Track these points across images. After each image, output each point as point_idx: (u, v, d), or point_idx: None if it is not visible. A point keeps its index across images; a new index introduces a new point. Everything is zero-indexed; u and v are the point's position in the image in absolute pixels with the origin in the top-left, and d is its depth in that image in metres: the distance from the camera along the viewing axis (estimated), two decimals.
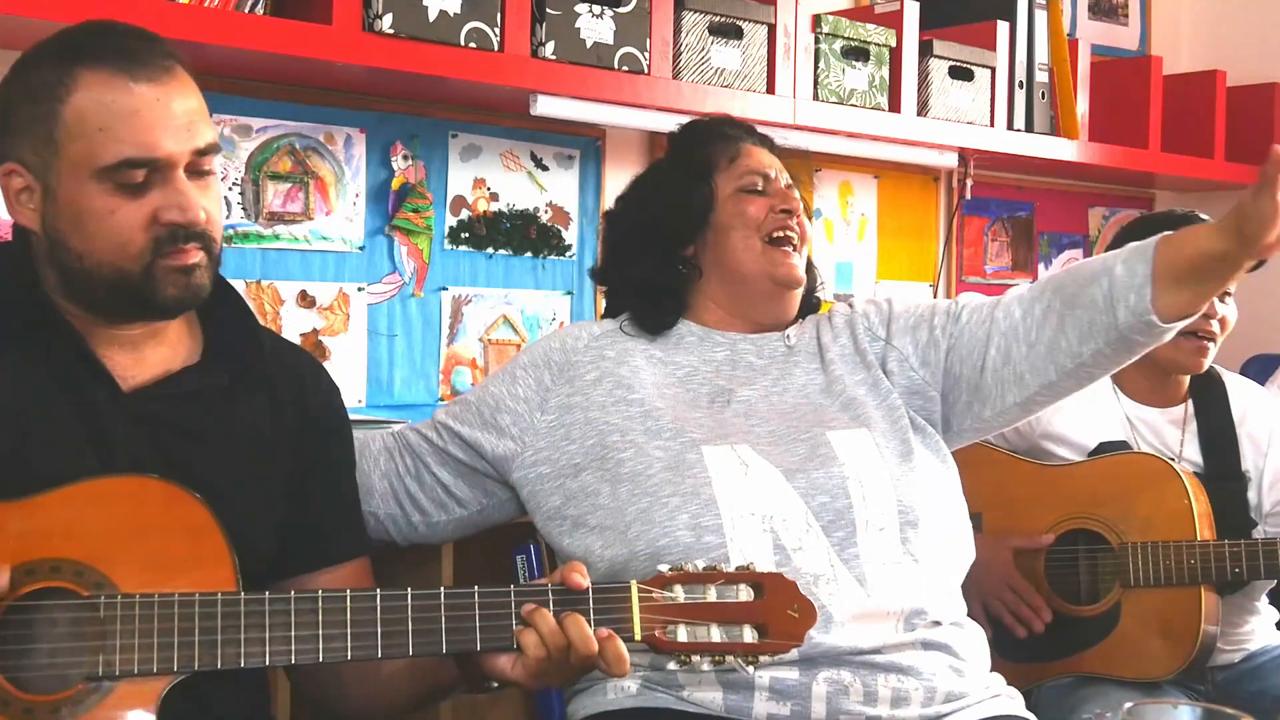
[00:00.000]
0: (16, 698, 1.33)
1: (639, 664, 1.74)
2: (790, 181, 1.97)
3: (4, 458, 1.41)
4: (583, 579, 1.48)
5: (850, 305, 2.00)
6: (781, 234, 1.90)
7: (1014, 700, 1.82)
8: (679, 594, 1.48)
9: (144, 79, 1.44)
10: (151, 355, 1.54)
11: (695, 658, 1.47)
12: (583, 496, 1.79)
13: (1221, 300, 2.34)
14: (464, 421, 1.88)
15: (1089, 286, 1.77)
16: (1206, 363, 2.35)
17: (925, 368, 1.89)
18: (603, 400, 1.83)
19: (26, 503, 1.37)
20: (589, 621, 1.46)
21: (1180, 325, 1.75)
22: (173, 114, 1.44)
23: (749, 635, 1.48)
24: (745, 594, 1.50)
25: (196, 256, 1.48)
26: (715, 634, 1.47)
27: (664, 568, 1.50)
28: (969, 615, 1.85)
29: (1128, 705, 1.41)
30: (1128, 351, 1.79)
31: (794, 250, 1.91)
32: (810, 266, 2.02)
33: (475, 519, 1.92)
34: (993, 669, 1.85)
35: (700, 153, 1.97)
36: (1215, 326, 2.33)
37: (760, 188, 1.93)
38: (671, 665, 1.49)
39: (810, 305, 2.02)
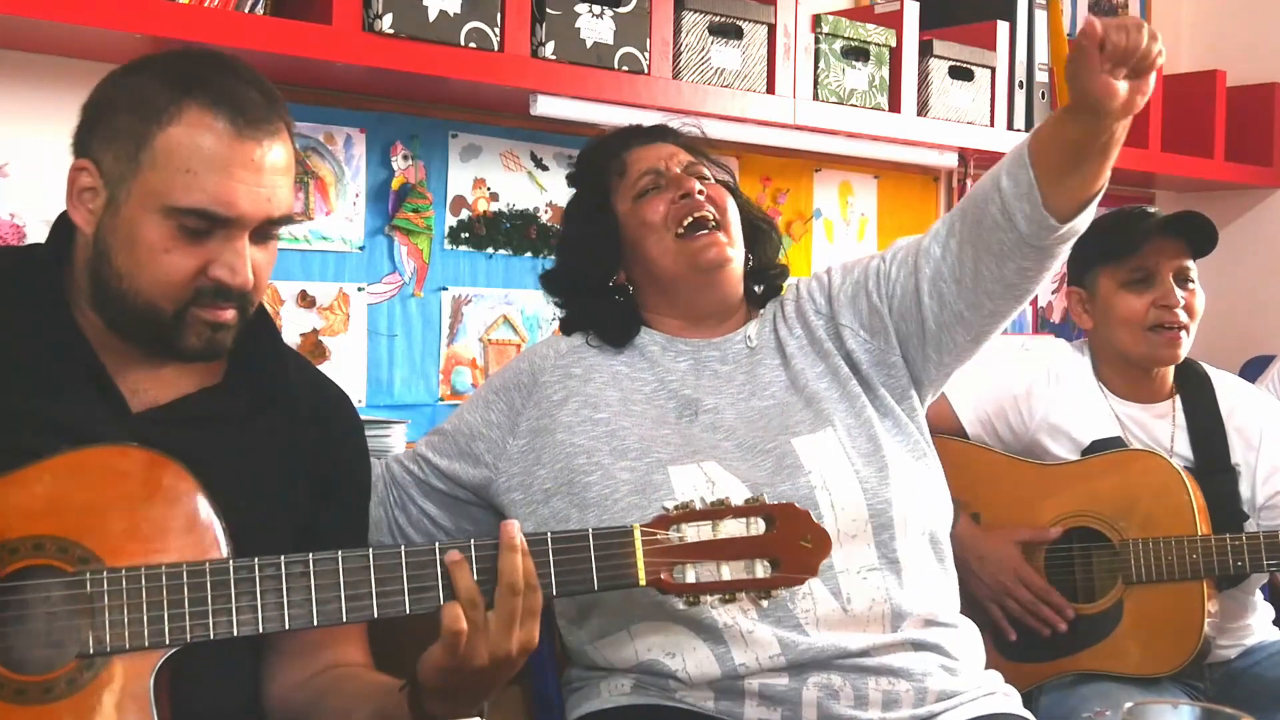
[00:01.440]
0: (9, 679, 1.31)
1: (629, 670, 1.74)
2: (692, 160, 1.91)
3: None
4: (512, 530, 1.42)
5: (798, 288, 1.95)
6: (690, 219, 1.84)
7: (1009, 698, 1.81)
8: (686, 533, 1.43)
9: (248, 136, 1.42)
10: (170, 374, 1.52)
11: (705, 597, 1.42)
12: (554, 523, 1.76)
13: (1184, 288, 2.35)
14: (441, 453, 1.87)
15: (986, 207, 1.74)
16: (1181, 352, 2.36)
17: (876, 336, 1.86)
18: (569, 421, 1.80)
19: (3, 480, 1.34)
20: (592, 568, 1.42)
21: (1086, 215, 1.71)
22: (261, 178, 1.43)
23: (761, 570, 1.43)
24: (755, 528, 1.44)
25: (228, 315, 1.46)
26: (725, 572, 1.42)
27: (669, 505, 1.45)
28: (977, 615, 1.85)
29: (1128, 705, 1.41)
30: (1049, 257, 1.74)
31: (712, 228, 1.85)
32: (763, 238, 1.95)
33: None
34: (995, 669, 1.84)
35: (594, 182, 1.95)
36: (1182, 316, 2.34)
37: (654, 185, 1.88)
38: (680, 605, 1.44)
39: (773, 288, 1.96)
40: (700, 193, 1.86)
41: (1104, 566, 2.29)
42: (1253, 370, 3.25)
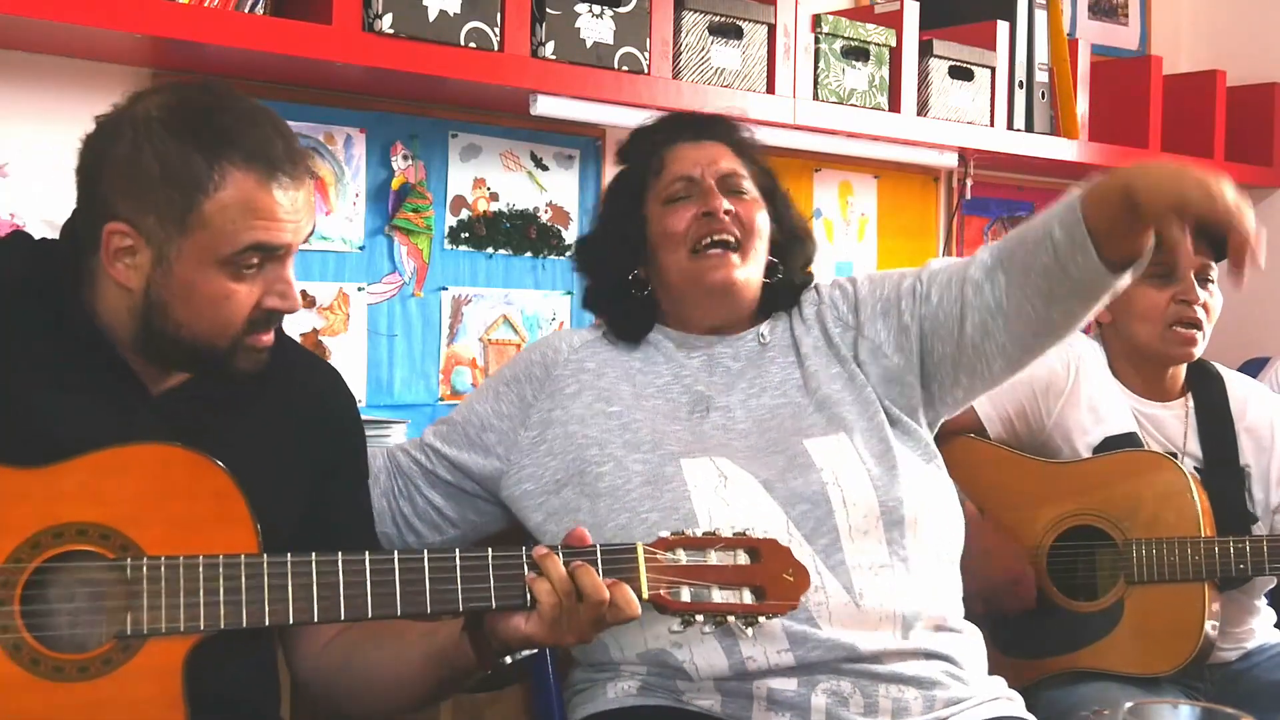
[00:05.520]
0: (46, 656, 1.37)
1: (637, 672, 1.74)
2: (732, 168, 1.87)
3: (33, 447, 1.42)
4: (588, 535, 1.52)
5: (818, 291, 1.93)
6: (708, 239, 1.82)
7: (1013, 702, 1.81)
8: (681, 557, 1.52)
9: (286, 184, 1.49)
10: None
11: (699, 618, 1.50)
12: (564, 513, 1.77)
13: (1204, 287, 2.35)
14: (450, 443, 1.87)
15: (1036, 254, 1.72)
16: (1197, 351, 2.36)
17: (900, 354, 1.84)
18: (582, 413, 1.81)
19: (52, 469, 1.40)
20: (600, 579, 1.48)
21: (1137, 268, 1.71)
22: (298, 212, 1.51)
23: (747, 597, 1.52)
24: (742, 558, 1.54)
25: (271, 338, 1.55)
26: (716, 595, 1.52)
27: (665, 532, 1.54)
28: (969, 610, 1.85)
29: (1128, 705, 1.41)
30: (1095, 300, 1.74)
31: (729, 248, 1.82)
32: (798, 249, 1.93)
33: (470, 538, 1.90)
34: (994, 665, 1.85)
35: (633, 170, 1.93)
36: (1200, 313, 2.34)
37: (684, 194, 1.85)
38: (675, 625, 1.50)
39: (786, 299, 1.92)
40: (727, 212, 1.83)
41: (1106, 565, 2.29)
42: (1250, 372, 3.24)
